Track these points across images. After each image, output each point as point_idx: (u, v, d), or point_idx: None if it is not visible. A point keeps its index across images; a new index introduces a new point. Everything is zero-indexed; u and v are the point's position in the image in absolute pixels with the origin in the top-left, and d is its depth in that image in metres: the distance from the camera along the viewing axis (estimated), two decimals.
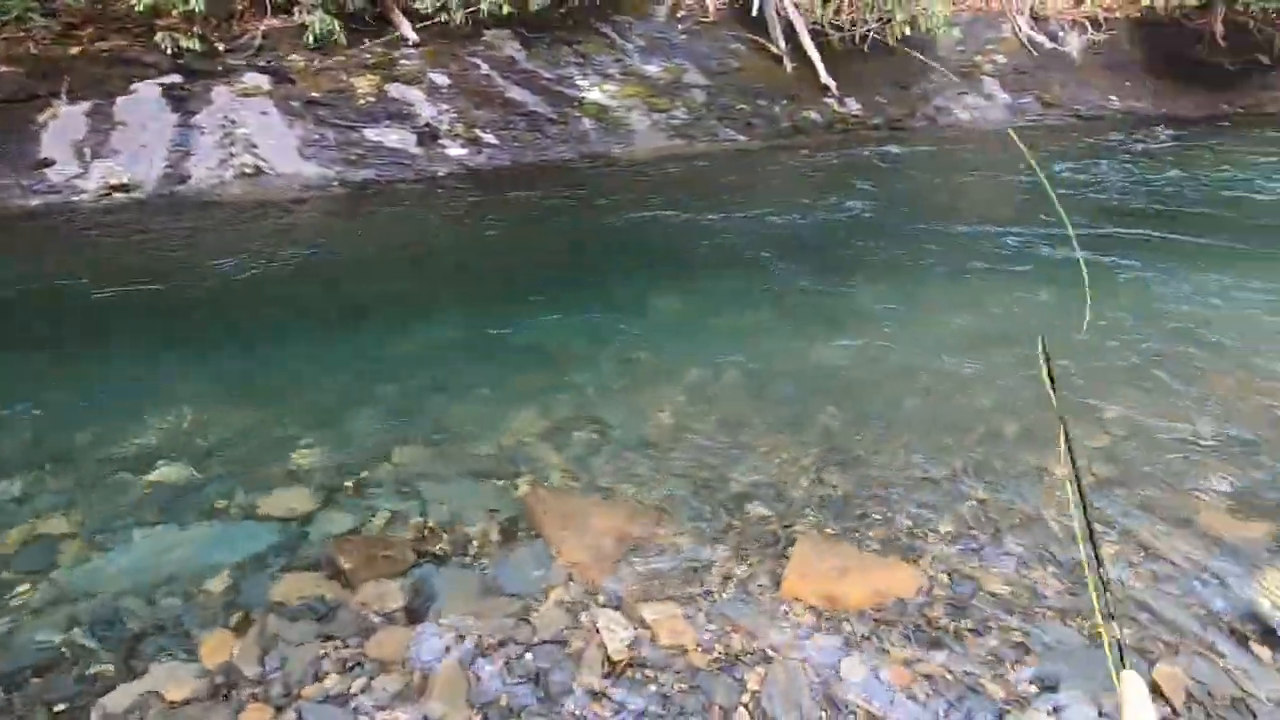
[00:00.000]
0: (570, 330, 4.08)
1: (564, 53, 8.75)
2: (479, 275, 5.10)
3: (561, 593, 2.19)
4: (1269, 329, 3.87)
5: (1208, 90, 9.95)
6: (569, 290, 4.67)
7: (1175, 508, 2.52)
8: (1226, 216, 5.84)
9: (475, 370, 3.69)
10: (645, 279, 4.86)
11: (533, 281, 4.87)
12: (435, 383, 3.56)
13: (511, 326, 4.13)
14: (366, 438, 3.10)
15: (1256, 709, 1.80)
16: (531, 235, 5.72)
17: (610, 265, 5.17)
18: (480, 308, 4.41)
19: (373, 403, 3.35)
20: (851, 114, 9.07)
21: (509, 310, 4.34)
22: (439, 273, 5.14)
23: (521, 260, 5.32)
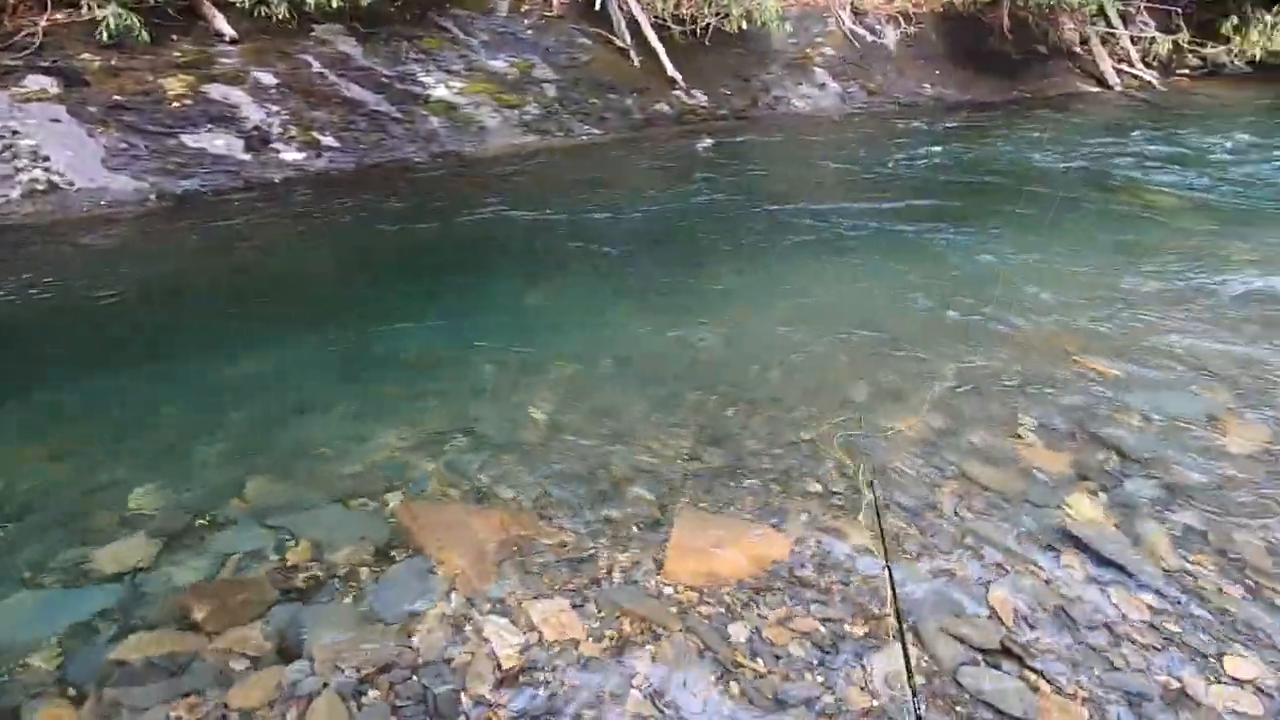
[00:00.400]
0: (432, 337, 3.93)
1: (404, 48, 8.38)
2: (328, 287, 4.79)
3: (444, 607, 2.12)
4: (1068, 284, 4.44)
5: (1001, 77, 11.24)
6: (427, 296, 4.50)
7: (998, 447, 2.84)
8: (1026, 187, 6.64)
9: (332, 388, 3.47)
10: (507, 279, 4.78)
11: (387, 290, 4.64)
12: (288, 405, 3.31)
13: (368, 339, 3.92)
14: (212, 473, 2.83)
15: (1071, 611, 2.08)
16: (383, 241, 5.44)
17: (469, 267, 5.03)
18: (332, 321, 4.14)
19: (217, 434, 3.06)
20: (699, 105, 9.38)
21: (364, 322, 4.11)
22: (283, 287, 4.76)
23: (373, 268, 5.05)
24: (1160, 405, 3.10)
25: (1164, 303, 4.12)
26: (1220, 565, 2.24)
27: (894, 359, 3.56)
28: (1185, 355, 3.51)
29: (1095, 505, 2.54)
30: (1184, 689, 1.83)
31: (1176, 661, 1.91)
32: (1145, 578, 2.19)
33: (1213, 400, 3.13)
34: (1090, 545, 2.33)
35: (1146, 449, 2.82)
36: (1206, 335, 3.71)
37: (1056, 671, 1.88)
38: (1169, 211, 5.97)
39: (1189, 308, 4.05)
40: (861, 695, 1.82)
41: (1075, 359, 3.50)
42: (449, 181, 6.80)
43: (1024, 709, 1.78)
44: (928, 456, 2.79)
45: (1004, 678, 1.87)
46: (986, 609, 2.07)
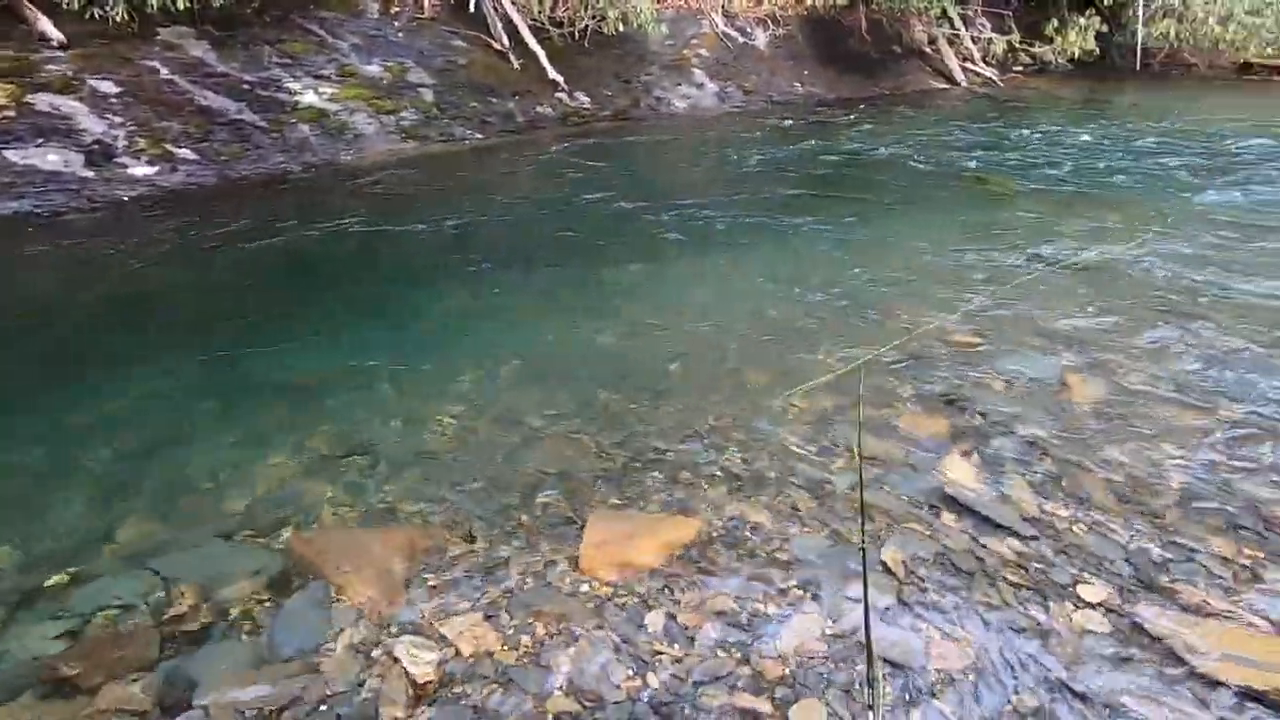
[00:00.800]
0: (318, 357, 3.73)
1: (266, 53, 7.89)
2: (195, 309, 4.44)
3: (351, 634, 2.03)
4: (930, 265, 4.82)
5: (863, 76, 12.01)
6: (309, 314, 4.27)
7: (882, 420, 3.05)
8: (891, 177, 7.15)
9: (208, 417, 3.24)
10: (395, 290, 4.62)
11: (263, 310, 4.36)
12: (161, 439, 3.05)
13: (246, 363, 3.67)
14: (76, 521, 2.56)
15: (953, 562, 2.28)
16: (256, 258, 5.10)
17: (353, 281, 4.81)
18: (203, 346, 3.84)
19: (78, 477, 2.78)
20: (582, 107, 9.43)
21: (239, 345, 3.84)
22: (142, 313, 4.37)
23: (246, 287, 4.73)
24: (1017, 370, 3.44)
25: (1012, 277, 4.56)
26: (1071, 507, 2.52)
27: (781, 344, 3.74)
28: (1035, 323, 3.91)
29: (967, 465, 2.78)
30: (1049, 618, 2.05)
31: (1041, 595, 2.14)
32: (1012, 525, 2.43)
33: (1059, 362, 3.51)
34: (965, 502, 2.55)
35: (1008, 410, 3.12)
36: (1049, 304, 4.15)
37: (944, 618, 2.06)
38: (1012, 195, 6.61)
39: (1033, 280, 4.50)
40: (776, 664, 1.91)
41: (943, 334, 3.81)
42: (325, 192, 6.48)
43: (918, 656, 1.94)
44: (821, 433, 2.96)
45: (900, 630, 2.02)
46: (881, 568, 2.23)
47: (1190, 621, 2.04)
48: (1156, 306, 4.09)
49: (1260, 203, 6.17)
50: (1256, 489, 2.58)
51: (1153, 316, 3.96)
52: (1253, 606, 2.10)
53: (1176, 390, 3.24)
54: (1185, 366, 3.44)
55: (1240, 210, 5.96)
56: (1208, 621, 2.04)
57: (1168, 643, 1.97)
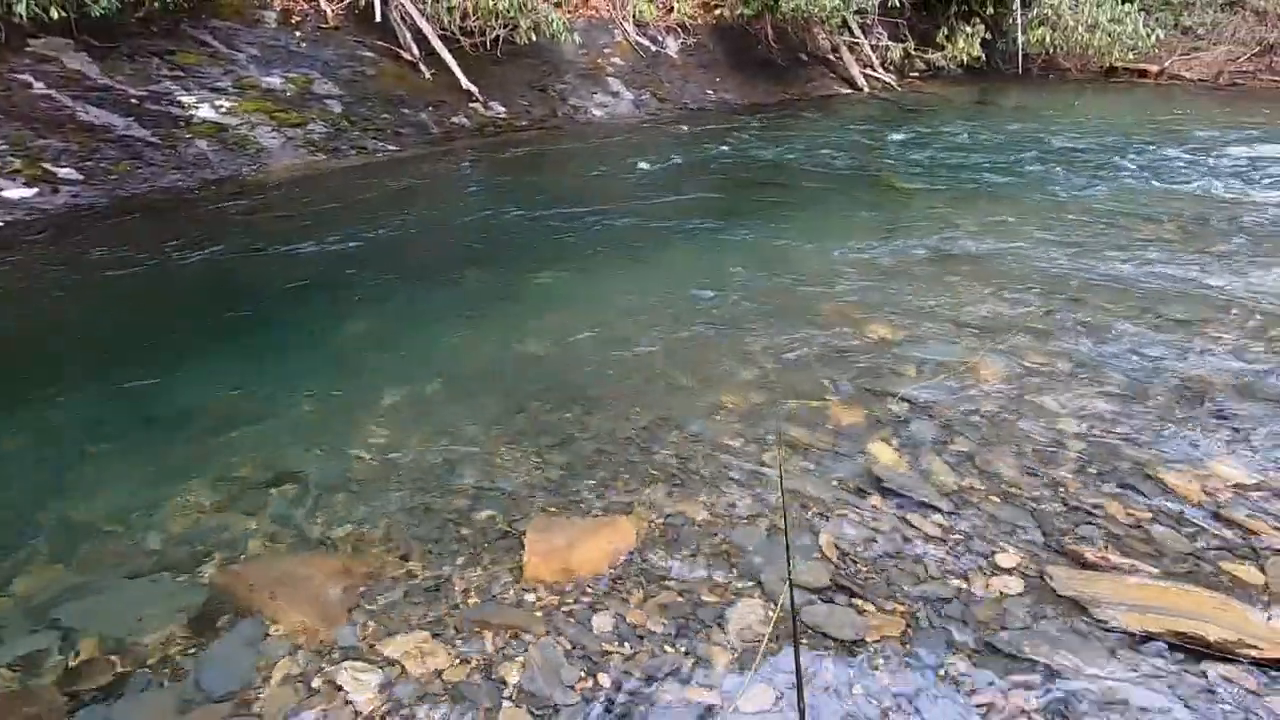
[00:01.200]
0: (232, 385, 3.54)
1: (154, 65, 7.43)
2: (91, 342, 4.13)
3: (288, 667, 1.95)
4: (844, 263, 5.04)
5: (772, 82, 12.42)
6: (218, 340, 4.05)
7: (808, 411, 3.18)
8: (801, 179, 7.43)
9: (114, 454, 3.03)
10: (312, 310, 4.44)
11: (167, 338, 4.09)
12: (62, 480, 2.84)
13: (151, 395, 3.44)
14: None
15: (882, 541, 2.40)
16: (153, 283, 4.79)
17: (262, 302, 4.59)
18: (103, 380, 3.58)
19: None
20: (499, 116, 9.34)
21: (143, 377, 3.60)
22: (30, 348, 4.04)
23: (145, 315, 4.43)
24: (928, 356, 3.65)
25: (918, 270, 4.84)
26: (984, 481, 2.70)
27: (706, 344, 3.83)
28: (942, 312, 4.16)
29: (890, 449, 2.94)
30: (970, 586, 2.19)
31: (962, 566, 2.28)
32: (933, 502, 2.58)
33: (966, 347, 3.75)
34: (890, 484, 2.69)
35: (923, 395, 3.31)
36: (953, 293, 4.42)
37: (877, 594, 2.17)
38: (914, 194, 7.00)
39: (936, 271, 4.79)
40: (723, 652, 1.97)
41: (859, 326, 4.00)
42: (228, 210, 6.16)
43: (855, 632, 2.03)
44: (752, 427, 3.05)
45: (837, 609, 2.11)
46: (818, 553, 2.32)
47: (1093, 578, 2.23)
48: (1045, 291, 4.43)
49: (1129, 193, 6.78)
50: (1140, 452, 2.84)
51: (1043, 300, 4.29)
52: (1145, 559, 2.31)
53: (1068, 366, 3.53)
54: (1073, 344, 3.75)
55: (1113, 201, 6.53)
56: (1108, 576, 2.24)
57: (1075, 599, 2.15)
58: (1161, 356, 3.60)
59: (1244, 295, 4.32)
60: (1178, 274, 4.70)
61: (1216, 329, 3.89)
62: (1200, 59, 14.96)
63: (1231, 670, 1.91)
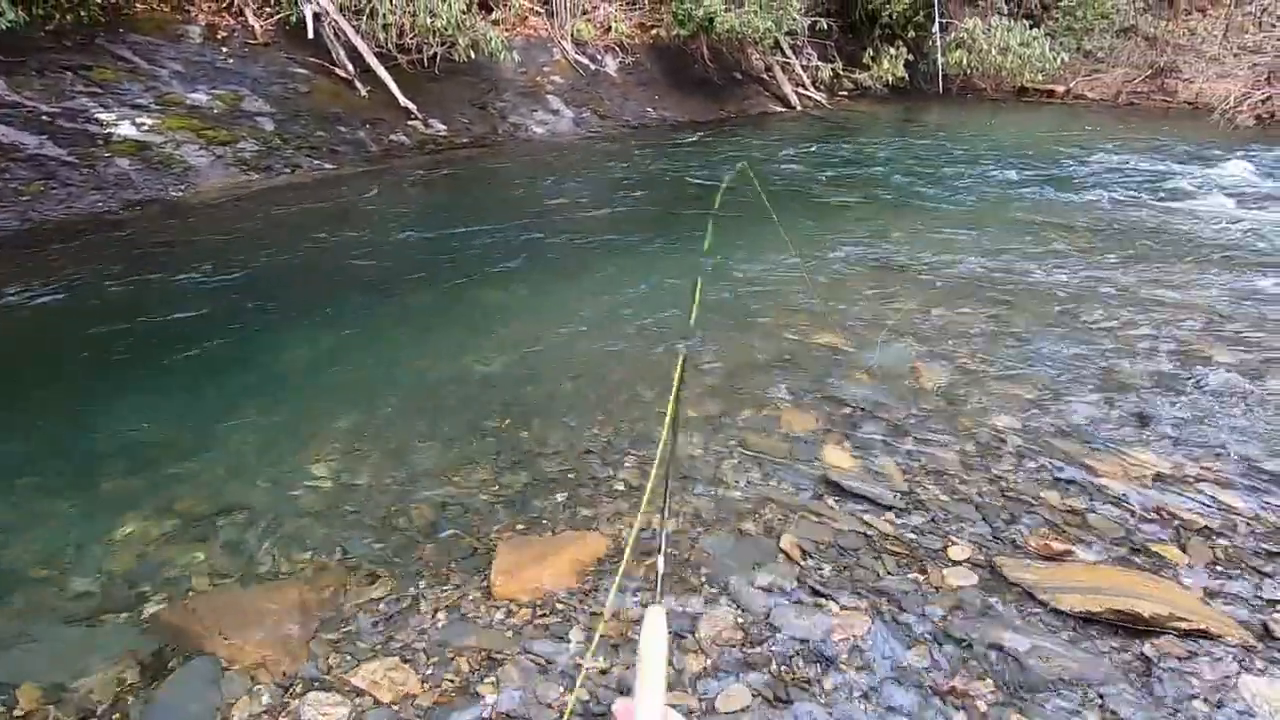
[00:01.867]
0: (166, 416, 3.36)
1: (68, 81, 7.05)
2: (7, 377, 3.86)
3: (248, 702, 1.87)
4: (787, 273, 5.19)
5: (710, 100, 12.72)
6: (150, 370, 3.84)
7: (764, 420, 3.26)
8: (734, 195, 7.61)
9: (39, 489, 2.84)
10: (248, 335, 4.26)
11: (94, 370, 3.84)
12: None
13: (78, 431, 3.24)
14: None
15: (841, 541, 2.48)
16: (72, 312, 4.50)
17: (198, 324, 4.37)
18: (23, 416, 3.36)
19: None
20: (438, 134, 9.25)
21: (68, 413, 3.40)
22: None
23: (65, 346, 4.15)
24: (876, 362, 3.80)
25: (860, 278, 5.03)
26: (933, 478, 2.82)
27: (659, 357, 3.88)
28: (885, 320, 4.33)
29: (842, 451, 3.04)
30: (926, 579, 2.29)
31: (917, 560, 2.38)
32: (887, 501, 2.68)
33: (909, 352, 3.91)
34: (844, 485, 2.78)
35: (870, 399, 3.43)
36: (893, 300, 4.62)
37: (839, 592, 2.23)
38: (854, 205, 7.29)
39: (874, 280, 4.99)
40: (694, 659, 1.99)
41: (806, 336, 4.13)
42: (155, 232, 5.88)
43: (821, 630, 2.09)
44: (711, 436, 3.10)
45: (803, 609, 2.17)
46: (781, 554, 2.38)
47: (1037, 565, 2.36)
48: (972, 296, 4.67)
49: (1046, 203, 7.24)
50: (1070, 445, 3.03)
51: (972, 305, 4.52)
52: (1082, 543, 2.46)
53: (1001, 367, 3.73)
54: (1004, 345, 3.97)
55: (1027, 209, 6.96)
56: (1051, 562, 2.37)
57: (1022, 585, 2.27)
58: (1084, 355, 3.85)
59: (1155, 295, 4.67)
60: (1092, 276, 5.04)
61: (1133, 327, 4.18)
62: (1101, 80, 16.13)
63: (1163, 642, 2.06)
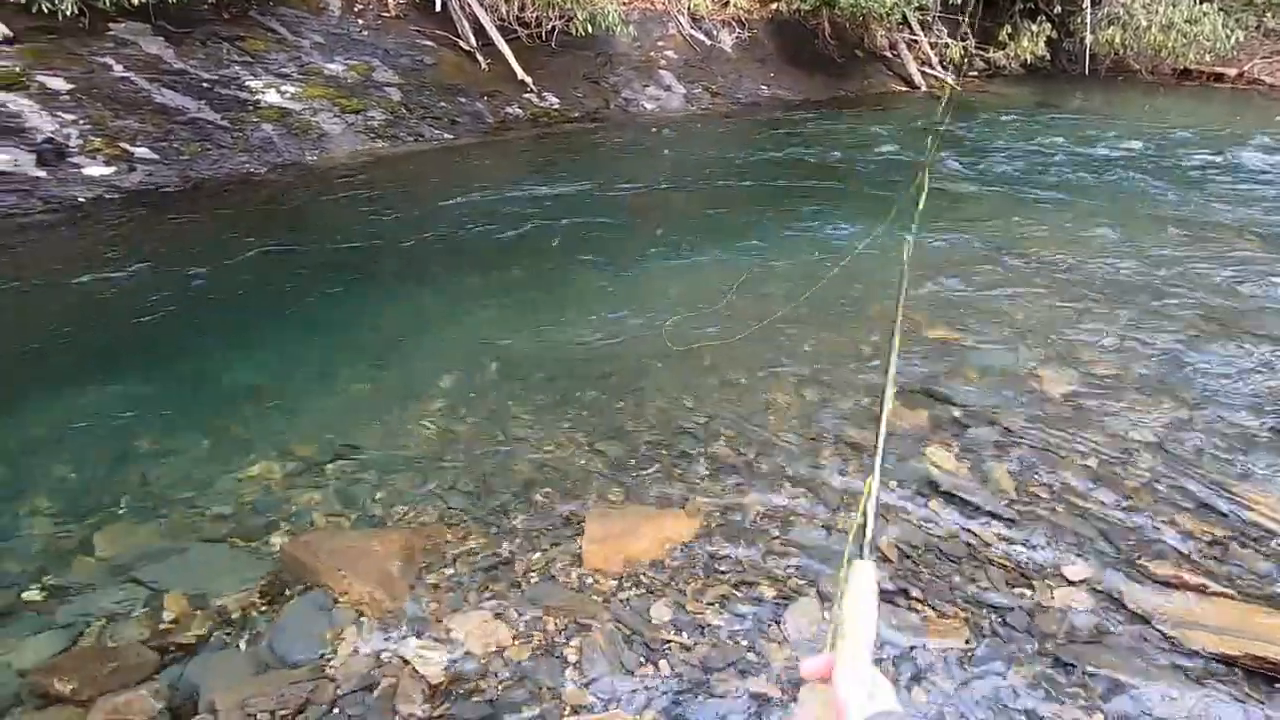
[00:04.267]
0: (292, 362, 3.65)
1: (225, 50, 7.67)
2: (160, 315, 4.28)
3: (355, 636, 2.02)
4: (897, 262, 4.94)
5: (828, 78, 12.23)
6: (281, 318, 4.17)
7: (865, 412, 3.13)
8: (861, 177, 7.30)
9: (183, 425, 3.14)
10: (368, 294, 4.53)
11: (231, 314, 4.22)
12: (133, 448, 2.96)
13: (216, 370, 3.57)
14: (49, 532, 2.48)
15: (942, 547, 2.36)
16: (222, 261, 4.95)
17: (324, 284, 4.69)
18: (170, 353, 3.72)
19: (48, 488, 2.68)
20: (551, 107, 9.40)
21: (208, 352, 3.74)
22: (96, 320, 4.21)
23: (209, 291, 4.57)
24: (990, 363, 3.56)
25: (981, 271, 4.72)
26: (1050, 491, 2.63)
27: (759, 340, 3.79)
28: (1006, 320, 4.05)
29: (948, 453, 2.88)
30: (1035, 597, 2.14)
31: (1026, 576, 2.23)
32: (995, 510, 2.52)
33: (1030, 355, 3.64)
34: (948, 488, 2.64)
35: (984, 401, 3.23)
36: (1019, 301, 4.30)
37: (938, 599, 2.13)
38: (978, 195, 6.82)
39: (1003, 279, 4.66)
40: (780, 649, 1.96)
41: (917, 328, 3.93)
42: (291, 193, 6.33)
43: (917, 637, 2.00)
44: (806, 426, 3.02)
45: (896, 612, 2.09)
46: (876, 554, 2.30)
47: (1166, 595, 2.15)
48: (1114, 300, 4.27)
49: (1208, 201, 6.49)
50: (1217, 469, 2.73)
51: (1110, 308, 4.14)
52: (1222, 578, 2.22)
53: (1139, 377, 3.40)
54: (1145, 355, 3.61)
55: (1190, 209, 6.26)
56: (1182, 594, 2.16)
57: (1146, 616, 2.08)
58: (1243, 372, 3.45)
59: None
60: (1260, 289, 4.49)
61: None
62: None
63: None
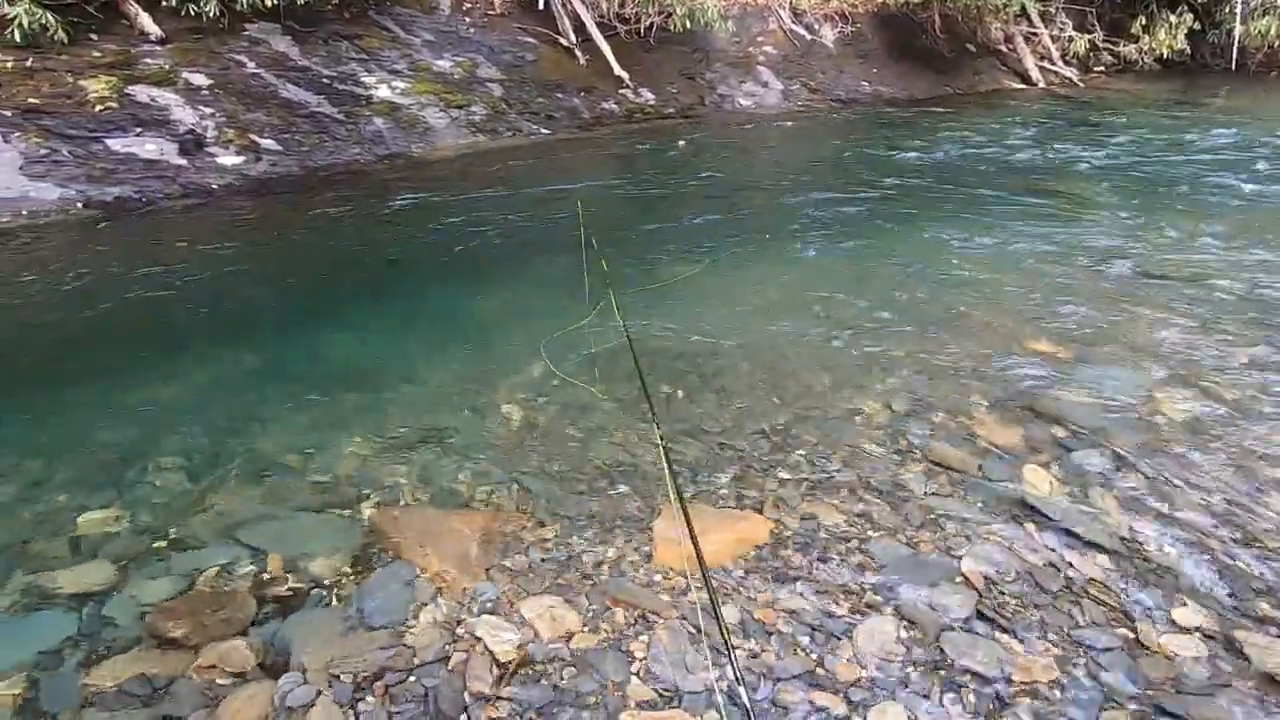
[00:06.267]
0: (387, 345, 3.87)
1: (344, 48, 8.16)
2: (273, 296, 4.63)
3: (433, 610, 2.11)
4: (1011, 273, 4.67)
5: (935, 74, 11.68)
6: (381, 303, 4.41)
7: (958, 427, 2.98)
8: (966, 181, 6.94)
9: (286, 399, 3.37)
10: (464, 283, 4.71)
11: (339, 298, 4.52)
12: (242, 419, 3.20)
13: (321, 348, 3.83)
14: (169, 489, 2.72)
15: (1035, 575, 2.21)
16: (330, 247, 5.30)
17: (424, 273, 4.93)
18: (281, 331, 4.02)
19: (168, 451, 2.94)
20: (646, 103, 9.45)
21: (315, 331, 4.00)
22: (225, 297, 4.58)
23: (323, 275, 4.91)
24: (1100, 382, 3.31)
25: (1100, 289, 4.38)
26: (1163, 525, 2.41)
27: (853, 346, 3.68)
28: (1121, 336, 3.74)
29: (1047, 476, 2.70)
30: (1138, 638, 1.97)
31: (1129, 615, 2.06)
32: (1098, 540, 2.34)
33: (1148, 375, 3.36)
34: (1046, 514, 2.47)
35: (1089, 421, 3.00)
36: (1138, 318, 3.97)
37: (1026, 632, 2.00)
38: (1097, 203, 6.34)
39: (1122, 293, 4.32)
40: (849, 667, 1.90)
41: (1021, 342, 3.69)
42: (398, 184, 6.67)
43: (998, 669, 1.89)
44: (892, 437, 2.91)
45: (979, 640, 1.97)
46: (960, 577, 2.18)
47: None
48: (1252, 321, 3.87)
49: None
50: None
51: (1247, 330, 3.75)
52: None
53: (1277, 406, 3.07)
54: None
55: None
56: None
57: (1272, 673, 1.87)
58: None
59: None
60: None
61: None
62: None
63: None
